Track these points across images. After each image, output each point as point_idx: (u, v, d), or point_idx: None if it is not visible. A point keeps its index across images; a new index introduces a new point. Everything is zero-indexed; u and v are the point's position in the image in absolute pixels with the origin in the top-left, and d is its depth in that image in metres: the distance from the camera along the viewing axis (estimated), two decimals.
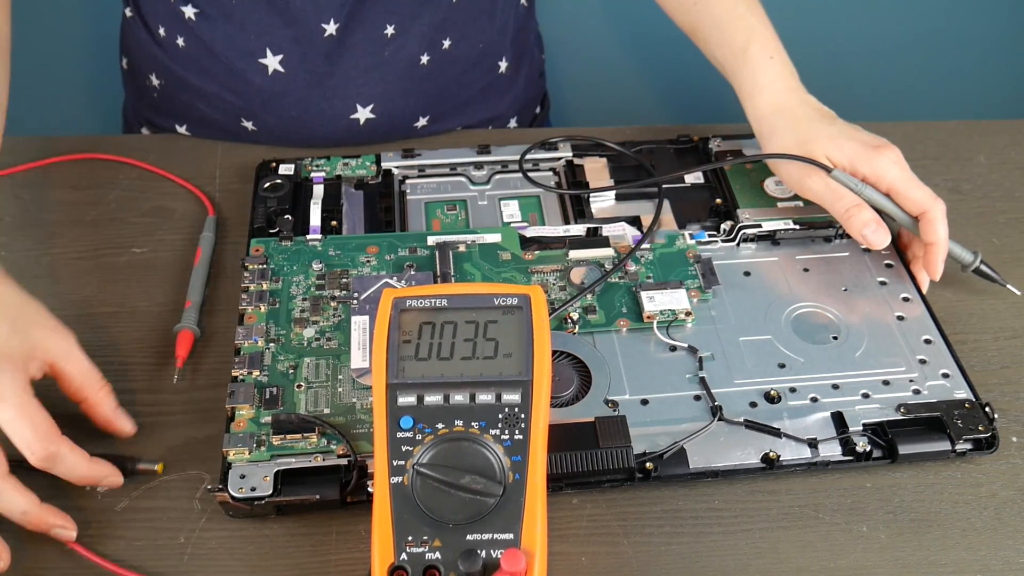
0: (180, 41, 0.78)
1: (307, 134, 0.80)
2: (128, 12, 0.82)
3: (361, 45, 0.76)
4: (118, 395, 0.59)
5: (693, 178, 0.73)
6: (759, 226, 0.68)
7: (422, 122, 0.82)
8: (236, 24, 0.75)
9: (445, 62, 0.81)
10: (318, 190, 0.71)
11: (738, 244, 0.68)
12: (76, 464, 0.52)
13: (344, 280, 0.64)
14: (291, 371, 0.58)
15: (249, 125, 0.80)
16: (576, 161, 0.74)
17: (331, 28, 0.75)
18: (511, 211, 0.71)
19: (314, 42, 0.75)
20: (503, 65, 0.86)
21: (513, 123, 0.90)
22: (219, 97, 0.79)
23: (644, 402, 0.58)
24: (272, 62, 0.76)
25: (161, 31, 0.79)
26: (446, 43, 0.80)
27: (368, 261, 0.65)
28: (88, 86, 1.18)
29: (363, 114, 0.79)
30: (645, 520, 0.54)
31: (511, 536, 0.47)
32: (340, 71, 0.77)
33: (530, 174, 0.72)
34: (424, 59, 0.79)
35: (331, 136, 0.80)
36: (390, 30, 0.76)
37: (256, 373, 0.58)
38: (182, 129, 0.83)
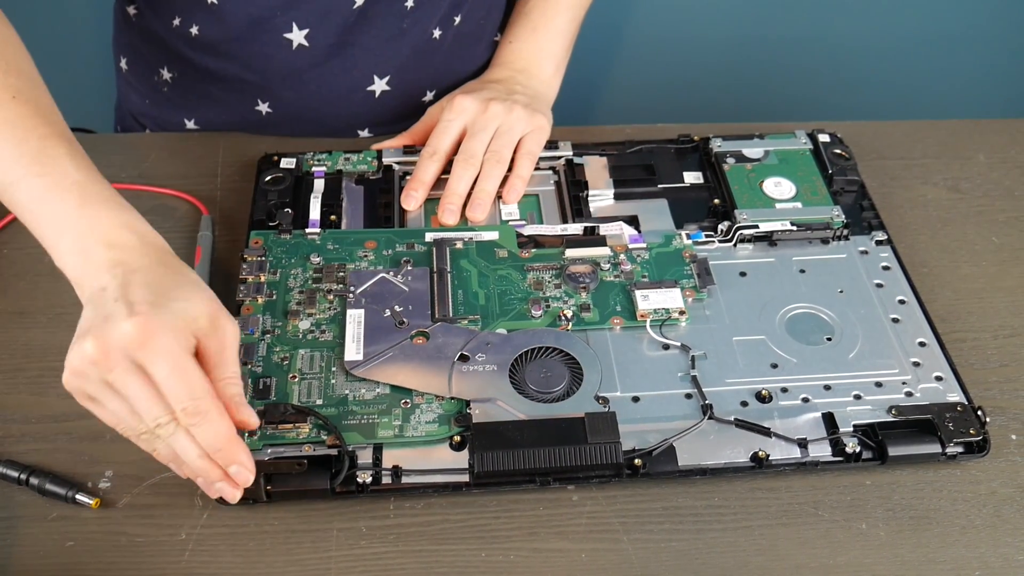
0: (194, 30, 0.77)
1: (322, 110, 0.80)
2: (132, 10, 0.81)
3: (383, 16, 0.77)
4: None
5: (692, 178, 0.73)
6: (756, 227, 0.68)
7: (429, 97, 0.83)
8: (263, 2, 0.74)
9: (454, 37, 0.82)
10: (319, 184, 0.72)
11: (735, 244, 0.68)
12: (218, 432, 0.48)
13: (341, 274, 0.64)
14: (285, 362, 0.59)
15: (264, 108, 0.81)
16: (576, 160, 0.75)
17: None
18: (510, 209, 0.71)
19: (342, 12, 0.76)
20: None
21: None
22: (237, 79, 0.79)
23: (635, 399, 0.58)
24: (297, 36, 0.77)
25: (176, 21, 0.78)
26: (457, 19, 0.81)
27: (366, 256, 0.66)
28: (88, 86, 1.18)
29: (379, 86, 0.80)
30: (645, 517, 0.55)
31: None
32: (362, 42, 0.78)
33: (537, 172, 0.73)
34: (436, 33, 0.80)
35: (346, 111, 0.81)
36: (410, 2, 0.77)
37: (250, 364, 0.59)
38: (190, 124, 0.83)
